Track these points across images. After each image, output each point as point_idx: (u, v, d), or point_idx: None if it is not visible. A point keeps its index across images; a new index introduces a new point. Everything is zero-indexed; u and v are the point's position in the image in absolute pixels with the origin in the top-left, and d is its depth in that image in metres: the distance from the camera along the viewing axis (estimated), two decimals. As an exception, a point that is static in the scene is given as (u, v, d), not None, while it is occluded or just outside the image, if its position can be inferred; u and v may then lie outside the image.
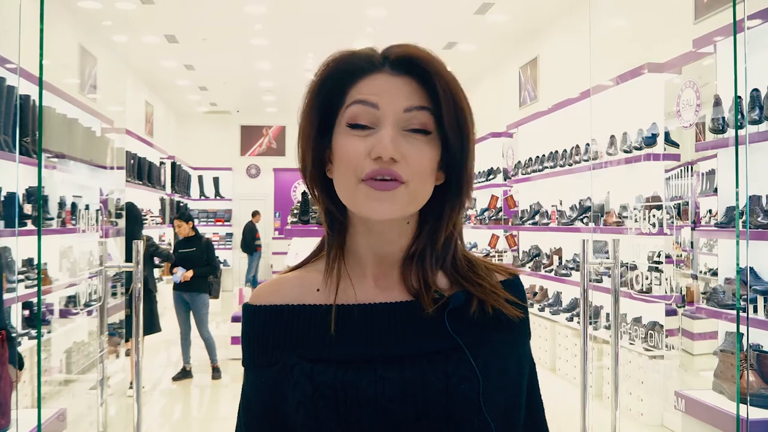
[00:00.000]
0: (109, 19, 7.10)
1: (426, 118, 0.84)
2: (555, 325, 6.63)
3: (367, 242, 0.90)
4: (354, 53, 0.87)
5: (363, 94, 0.84)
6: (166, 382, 6.44)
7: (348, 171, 0.83)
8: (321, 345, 0.87)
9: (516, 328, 0.92)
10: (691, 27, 5.33)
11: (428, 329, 0.87)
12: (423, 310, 0.87)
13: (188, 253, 6.33)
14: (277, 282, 0.94)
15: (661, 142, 5.13)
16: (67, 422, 2.91)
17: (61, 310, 4.31)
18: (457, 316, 0.88)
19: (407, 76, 0.85)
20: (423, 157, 0.84)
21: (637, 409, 4.99)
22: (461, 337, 0.87)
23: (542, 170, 7.26)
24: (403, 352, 0.86)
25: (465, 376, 0.84)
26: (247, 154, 15.30)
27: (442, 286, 0.91)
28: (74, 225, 4.06)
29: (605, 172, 5.69)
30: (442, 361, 0.85)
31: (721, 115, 4.03)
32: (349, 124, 0.85)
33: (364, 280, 0.91)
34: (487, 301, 0.89)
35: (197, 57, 10.18)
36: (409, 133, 0.84)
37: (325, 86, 0.87)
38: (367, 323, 0.88)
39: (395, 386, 0.83)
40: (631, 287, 4.60)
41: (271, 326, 0.90)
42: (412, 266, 0.90)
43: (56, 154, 3.77)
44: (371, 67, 0.86)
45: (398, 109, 0.83)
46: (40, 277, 2.26)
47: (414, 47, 0.86)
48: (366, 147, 0.83)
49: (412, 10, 7.83)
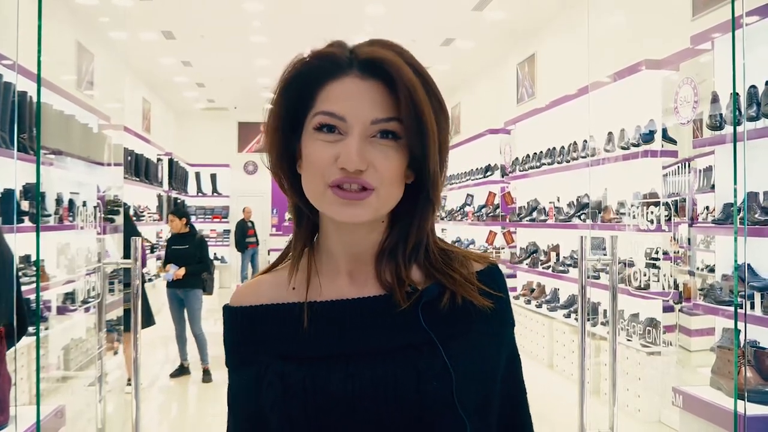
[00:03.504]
0: (106, 16, 7.08)
1: (394, 127, 0.83)
2: (552, 322, 6.64)
3: (339, 239, 0.90)
4: (322, 54, 0.87)
5: (330, 104, 0.84)
6: (164, 379, 6.44)
7: (315, 176, 0.84)
8: (295, 343, 0.87)
9: (492, 318, 0.90)
10: (689, 24, 5.33)
11: (402, 323, 0.86)
12: (397, 305, 0.86)
13: (181, 250, 6.30)
14: (255, 283, 0.95)
15: (659, 139, 5.13)
16: (65, 419, 2.91)
17: (59, 306, 4.30)
18: (431, 310, 0.87)
19: (375, 80, 0.84)
20: (391, 164, 0.83)
21: (635, 405, 5.00)
22: (435, 331, 0.85)
23: (540, 167, 7.27)
24: (376, 348, 0.85)
25: (437, 372, 0.83)
26: (245, 151, 15.29)
27: (417, 280, 0.90)
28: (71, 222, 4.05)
29: (603, 169, 5.69)
30: (413, 356, 0.84)
31: (718, 112, 4.04)
32: (316, 127, 0.84)
33: (338, 277, 0.91)
34: (457, 292, 0.88)
35: (195, 54, 10.16)
36: (378, 138, 0.83)
37: (292, 87, 0.88)
38: (339, 319, 0.87)
39: (366, 383, 0.82)
40: (629, 284, 4.60)
41: (249, 327, 0.91)
42: (384, 261, 0.90)
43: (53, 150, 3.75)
44: (339, 69, 0.85)
45: (365, 121, 0.82)
46: (38, 273, 2.26)
47: (381, 49, 0.85)
48: (332, 153, 0.82)
49: (411, 7, 7.82)
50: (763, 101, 3.71)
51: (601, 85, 5.65)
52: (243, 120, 15.07)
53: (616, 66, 5.57)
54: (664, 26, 5.85)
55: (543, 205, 7.30)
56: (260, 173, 15.13)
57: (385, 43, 0.86)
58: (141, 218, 9.71)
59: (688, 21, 5.41)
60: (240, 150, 15.24)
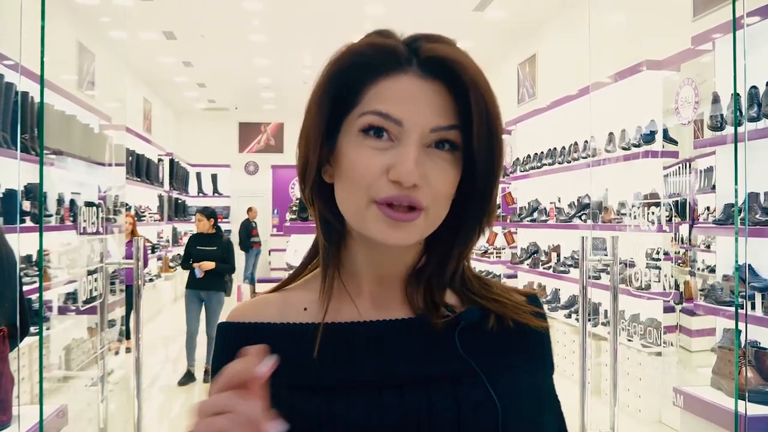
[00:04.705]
0: (107, 16, 7.09)
1: (454, 136, 0.73)
2: (553, 322, 6.64)
3: (367, 259, 0.79)
4: (376, 45, 0.73)
5: (385, 103, 0.71)
6: (165, 379, 6.44)
7: (359, 189, 0.71)
8: (306, 369, 0.74)
9: (539, 353, 0.81)
10: (690, 24, 5.34)
11: (435, 350, 0.75)
12: (429, 328, 0.75)
13: (207, 252, 6.15)
14: (258, 301, 0.82)
15: (660, 140, 5.13)
16: (67, 418, 2.91)
17: (60, 306, 4.30)
18: (469, 336, 0.76)
19: (436, 81, 0.72)
20: (446, 181, 0.72)
21: (636, 405, 5.00)
22: (475, 360, 0.75)
23: (541, 167, 7.27)
24: (404, 376, 0.73)
25: (480, 403, 0.72)
26: (246, 151, 15.29)
27: (453, 304, 0.79)
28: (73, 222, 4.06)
29: (604, 170, 5.69)
30: (451, 387, 0.73)
31: (719, 113, 4.04)
32: (364, 129, 0.72)
33: (358, 298, 0.79)
34: (506, 315, 0.78)
35: (195, 54, 10.16)
36: (433, 149, 0.72)
37: (338, 81, 0.74)
38: (360, 343, 0.75)
39: (393, 416, 0.71)
40: (630, 284, 4.60)
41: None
42: (416, 284, 0.79)
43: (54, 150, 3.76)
44: (396, 65, 0.73)
45: (425, 128, 0.71)
46: (41, 273, 2.26)
47: (447, 45, 0.73)
48: (383, 163, 0.70)
49: (411, 7, 7.82)
50: (764, 102, 3.71)
51: (601, 85, 5.65)
52: (243, 120, 15.08)
53: (617, 66, 5.58)
54: (665, 26, 5.85)
55: (544, 205, 7.30)
56: (261, 173, 15.14)
57: (445, 40, 0.74)
58: (142, 218, 9.71)
59: (689, 21, 5.41)
60: (241, 150, 15.25)
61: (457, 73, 0.72)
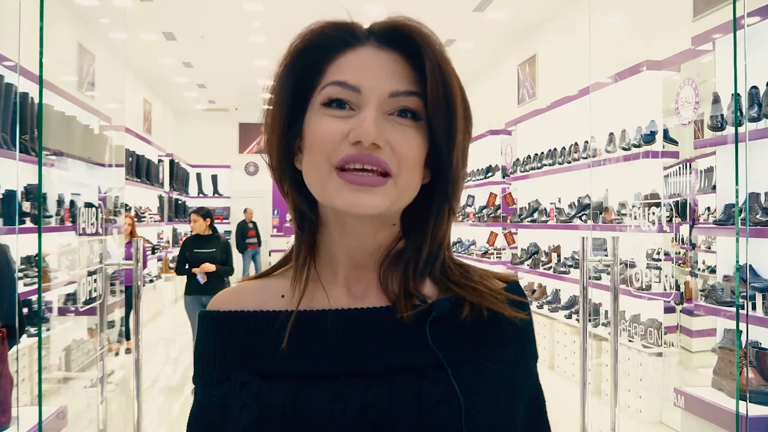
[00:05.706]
0: (107, 17, 7.09)
1: (415, 103, 0.72)
2: (554, 323, 6.63)
3: (341, 243, 0.77)
4: (334, 23, 0.75)
5: (343, 73, 0.72)
6: (165, 380, 6.44)
7: (320, 156, 0.71)
8: (276, 358, 0.73)
9: (516, 344, 0.78)
10: (690, 24, 5.33)
11: (404, 341, 0.73)
12: (400, 319, 0.73)
13: (206, 254, 5.92)
14: (237, 288, 0.82)
15: (660, 140, 5.13)
16: (67, 420, 2.91)
17: (60, 307, 4.30)
18: (442, 328, 0.74)
19: (394, 51, 0.74)
20: (411, 146, 0.71)
21: (636, 406, 5.00)
22: (445, 352, 0.72)
23: (541, 168, 7.27)
24: (370, 368, 0.72)
25: (443, 399, 0.70)
26: (246, 152, 15.30)
27: (429, 294, 0.77)
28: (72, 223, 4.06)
29: (604, 170, 5.69)
30: (414, 380, 0.71)
31: (719, 113, 4.04)
32: (325, 102, 0.72)
33: (333, 285, 0.78)
34: (482, 304, 0.75)
35: (195, 54, 10.17)
36: (395, 117, 0.71)
37: (299, 63, 0.75)
38: (330, 332, 0.74)
39: (355, 408, 0.69)
40: (630, 284, 4.60)
41: (225, 336, 0.77)
42: (392, 269, 0.77)
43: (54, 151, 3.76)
44: (353, 39, 0.75)
45: (383, 93, 0.71)
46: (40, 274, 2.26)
47: (403, 18, 0.75)
48: (343, 129, 0.70)
49: (411, 8, 7.69)
50: (765, 102, 3.71)
51: (602, 85, 5.65)
52: (243, 121, 15.08)
53: (617, 66, 5.57)
54: (665, 27, 5.85)
55: (544, 205, 7.30)
56: (261, 174, 15.15)
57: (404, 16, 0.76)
58: (142, 219, 9.71)
59: (689, 21, 5.41)
60: (241, 151, 15.26)
61: (411, 40, 0.73)
